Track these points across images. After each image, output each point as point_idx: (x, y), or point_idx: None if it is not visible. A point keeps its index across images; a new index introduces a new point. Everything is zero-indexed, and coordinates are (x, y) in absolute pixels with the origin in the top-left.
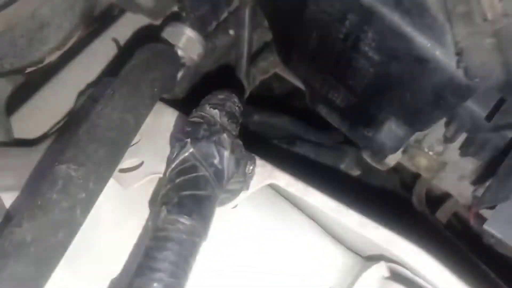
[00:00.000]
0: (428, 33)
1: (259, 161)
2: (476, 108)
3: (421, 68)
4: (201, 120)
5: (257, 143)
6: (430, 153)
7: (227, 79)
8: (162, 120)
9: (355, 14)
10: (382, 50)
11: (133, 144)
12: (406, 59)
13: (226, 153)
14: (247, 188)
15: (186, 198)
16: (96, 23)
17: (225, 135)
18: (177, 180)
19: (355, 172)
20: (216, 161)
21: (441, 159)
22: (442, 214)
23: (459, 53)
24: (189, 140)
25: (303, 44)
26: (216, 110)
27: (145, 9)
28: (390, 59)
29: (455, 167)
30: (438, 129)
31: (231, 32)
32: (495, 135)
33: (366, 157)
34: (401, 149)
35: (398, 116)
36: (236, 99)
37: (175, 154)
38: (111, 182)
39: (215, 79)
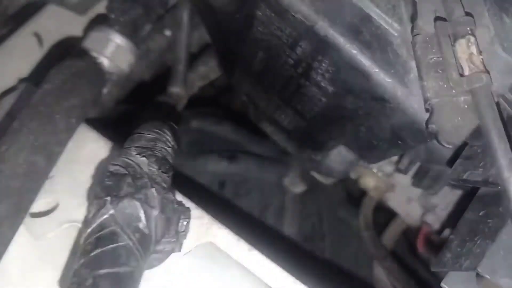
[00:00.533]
0: (389, 70)
1: (195, 212)
2: (435, 143)
3: (379, 107)
4: (125, 172)
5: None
6: (379, 174)
7: (163, 85)
8: (84, 147)
9: (308, 42)
10: (336, 82)
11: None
12: (363, 95)
13: (155, 213)
14: (179, 249)
15: (102, 279)
16: (12, 22)
17: (153, 190)
18: (93, 253)
19: (300, 188)
20: (141, 225)
21: (390, 181)
22: (391, 234)
23: (428, 111)
24: (108, 198)
25: (247, 63)
26: (144, 158)
27: (68, 2)
28: (345, 93)
29: (404, 190)
30: None
31: (167, 33)
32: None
33: (319, 174)
34: None
35: (350, 147)
36: (168, 136)
37: (92, 214)
38: (21, 229)
39: (150, 85)
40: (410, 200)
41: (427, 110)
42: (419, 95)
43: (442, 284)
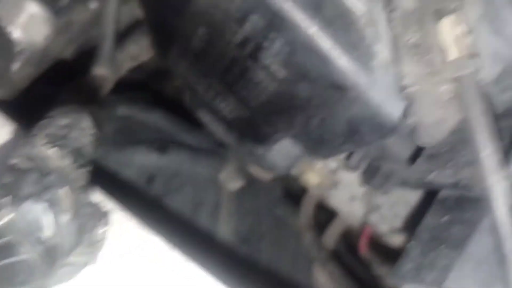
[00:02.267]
0: (351, 53)
1: (116, 216)
2: (392, 139)
3: (337, 96)
4: (29, 166)
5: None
6: (323, 170)
7: (86, 64)
8: None
9: (260, 16)
10: (290, 66)
11: None
12: (320, 82)
13: (65, 219)
14: (94, 261)
15: None
16: None
17: (65, 189)
18: None
19: (237, 184)
20: (47, 233)
21: (334, 178)
22: (332, 234)
23: (407, 101)
24: (7, 199)
25: (186, 40)
26: (55, 149)
27: None
28: (299, 78)
29: (347, 187)
30: None
31: (93, 4)
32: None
33: (261, 169)
34: None
35: (298, 141)
36: (87, 123)
37: None
38: None
39: (71, 64)
40: (353, 198)
41: (404, 99)
42: (384, 84)
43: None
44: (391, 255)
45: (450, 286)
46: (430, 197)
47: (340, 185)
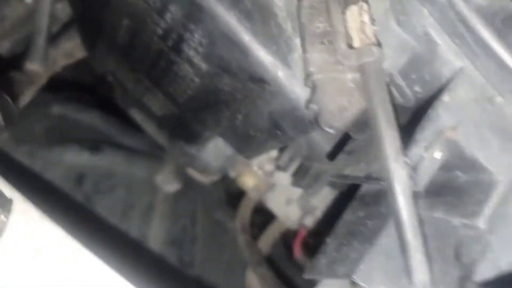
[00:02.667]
0: (271, 46)
1: (20, 206)
2: (317, 136)
3: (258, 89)
4: None
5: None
6: (259, 172)
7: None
8: None
9: (180, 6)
10: (211, 58)
11: None
12: (241, 74)
13: None
14: None
15: None
16: None
17: None
18: None
19: (173, 186)
20: None
21: (270, 180)
22: (268, 238)
23: (311, 88)
24: None
25: (111, 33)
26: None
27: None
28: (221, 71)
29: (284, 190)
30: None
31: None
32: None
33: (193, 170)
34: None
35: (226, 138)
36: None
37: None
38: None
39: (5, 58)
40: (289, 201)
41: (308, 86)
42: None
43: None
44: None
45: (359, 277)
46: None
47: (276, 188)
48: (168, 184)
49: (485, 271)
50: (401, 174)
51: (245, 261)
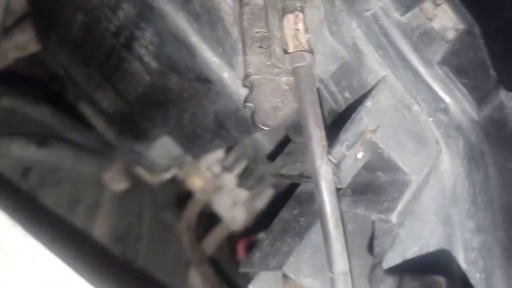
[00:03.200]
0: (217, 48)
1: None
2: (261, 138)
3: (204, 89)
4: None
5: None
6: (207, 173)
7: None
8: None
9: (131, 4)
10: (160, 57)
11: None
12: (188, 74)
13: None
14: None
15: None
16: None
17: None
18: None
19: (121, 185)
20: None
21: (218, 182)
22: (213, 239)
23: (248, 88)
24: None
25: (65, 27)
26: None
27: None
28: (169, 70)
29: (231, 192)
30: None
31: None
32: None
33: (140, 167)
34: None
35: (173, 137)
36: None
37: None
38: None
39: None
40: (235, 203)
41: (246, 86)
42: None
43: (249, 286)
44: None
45: (288, 269)
46: None
47: (223, 190)
48: (116, 182)
49: (393, 259)
50: (325, 170)
51: (188, 260)
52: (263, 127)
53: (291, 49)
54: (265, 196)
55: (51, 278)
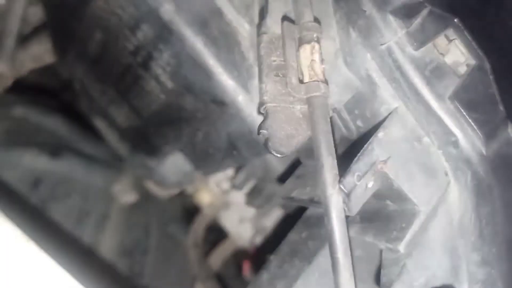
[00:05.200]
0: (233, 72)
1: None
2: (272, 159)
3: (218, 110)
4: None
5: None
6: (216, 189)
7: None
8: None
9: (151, 26)
10: (177, 78)
11: None
12: (203, 95)
13: None
14: None
15: None
16: None
17: None
18: None
19: (130, 198)
20: None
21: (226, 198)
22: (219, 254)
23: (263, 115)
24: None
25: (83, 43)
26: None
27: None
28: (185, 91)
29: (238, 209)
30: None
31: (1, 0)
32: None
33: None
34: None
35: (185, 154)
36: None
37: None
38: None
39: None
40: (243, 220)
41: (261, 113)
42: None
43: None
44: None
45: None
46: None
47: (231, 206)
48: (125, 195)
49: None
50: (336, 199)
51: (194, 275)
52: (276, 155)
53: (306, 79)
54: (273, 215)
55: None
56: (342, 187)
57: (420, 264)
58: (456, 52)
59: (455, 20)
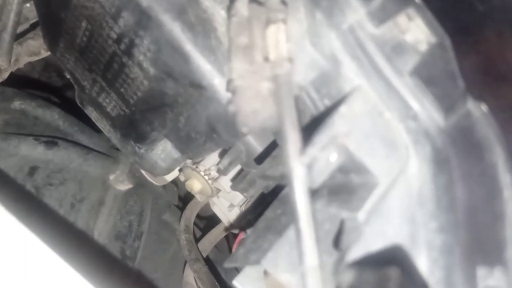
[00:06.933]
0: (210, 56)
1: None
2: (254, 143)
3: (197, 94)
4: None
5: None
6: (206, 177)
7: None
8: None
9: (131, 14)
10: (157, 63)
11: None
12: (182, 80)
13: None
14: None
15: None
16: None
17: None
18: None
19: (125, 186)
20: None
21: (216, 185)
22: (209, 239)
23: (231, 92)
24: None
25: (71, 33)
26: None
27: None
28: (165, 76)
29: (228, 195)
30: (217, 154)
31: None
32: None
33: (142, 169)
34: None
35: (171, 139)
36: None
37: None
38: None
39: None
40: (232, 206)
41: (230, 91)
42: None
43: (234, 282)
44: None
45: (267, 264)
46: None
47: (220, 193)
48: (120, 183)
49: (357, 254)
50: (298, 170)
51: (185, 259)
52: (243, 129)
53: (271, 58)
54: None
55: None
56: (304, 158)
57: (378, 230)
58: (416, 31)
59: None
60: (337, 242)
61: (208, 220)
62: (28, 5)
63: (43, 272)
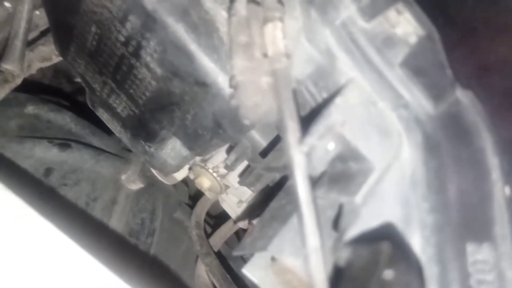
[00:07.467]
0: (213, 55)
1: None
2: (259, 138)
3: (202, 92)
4: None
5: None
6: (214, 174)
7: None
8: None
9: (137, 17)
10: (164, 63)
11: None
12: (188, 79)
13: None
14: None
15: None
16: None
17: None
18: None
19: (137, 185)
20: None
21: (224, 182)
22: (220, 235)
23: (233, 88)
24: None
25: (82, 38)
26: None
27: None
28: (172, 76)
29: (236, 191)
30: (224, 153)
31: (7, 4)
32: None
33: (153, 169)
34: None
35: (179, 137)
36: None
37: None
38: None
39: None
40: (241, 202)
41: (231, 87)
42: None
43: (243, 270)
44: None
45: (272, 249)
46: None
47: (230, 189)
48: (132, 183)
49: (353, 233)
50: (298, 157)
51: (196, 254)
52: (246, 121)
53: (270, 54)
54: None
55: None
56: (303, 147)
57: (374, 212)
58: (406, 24)
59: None
60: (336, 224)
61: (217, 219)
62: (37, 12)
63: (64, 260)
